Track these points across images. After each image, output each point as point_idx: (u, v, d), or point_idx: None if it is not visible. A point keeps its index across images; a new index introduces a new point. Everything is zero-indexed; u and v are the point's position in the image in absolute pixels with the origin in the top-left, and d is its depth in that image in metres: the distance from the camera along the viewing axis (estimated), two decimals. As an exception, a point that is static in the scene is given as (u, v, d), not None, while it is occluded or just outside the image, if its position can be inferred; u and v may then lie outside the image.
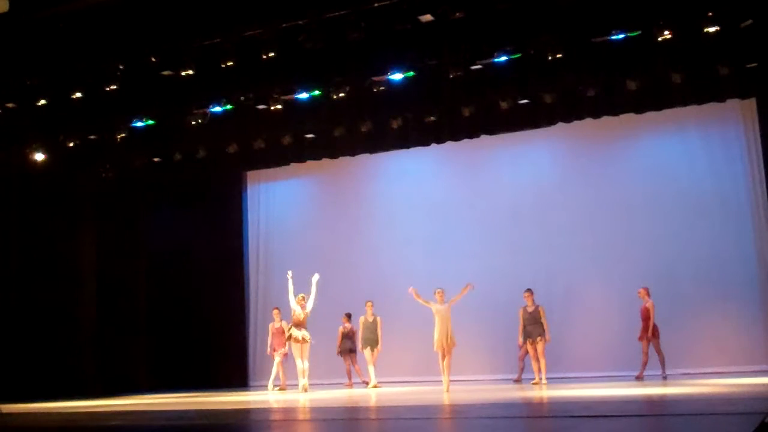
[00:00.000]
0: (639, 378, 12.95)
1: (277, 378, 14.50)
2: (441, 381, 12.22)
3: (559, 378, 13.38)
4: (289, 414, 9.60)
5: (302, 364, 13.24)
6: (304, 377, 13.25)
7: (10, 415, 10.89)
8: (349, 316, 14.88)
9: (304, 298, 13.23)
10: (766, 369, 13.01)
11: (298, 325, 13.21)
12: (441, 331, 12.00)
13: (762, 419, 5.82)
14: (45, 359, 15.22)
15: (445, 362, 12.08)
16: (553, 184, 15.21)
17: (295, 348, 13.31)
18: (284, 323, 14.21)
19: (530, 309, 12.99)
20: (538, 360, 12.90)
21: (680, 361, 13.44)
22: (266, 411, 10.44)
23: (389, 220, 16.37)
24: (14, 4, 9.76)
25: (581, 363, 14.11)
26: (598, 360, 14.25)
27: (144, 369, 17.06)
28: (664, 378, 12.85)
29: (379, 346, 14.28)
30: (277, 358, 14.36)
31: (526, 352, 13.29)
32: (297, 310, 13.21)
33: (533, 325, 12.87)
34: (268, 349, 14.56)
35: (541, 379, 12.82)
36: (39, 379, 14.90)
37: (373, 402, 10.87)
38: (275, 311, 14.65)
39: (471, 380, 14.46)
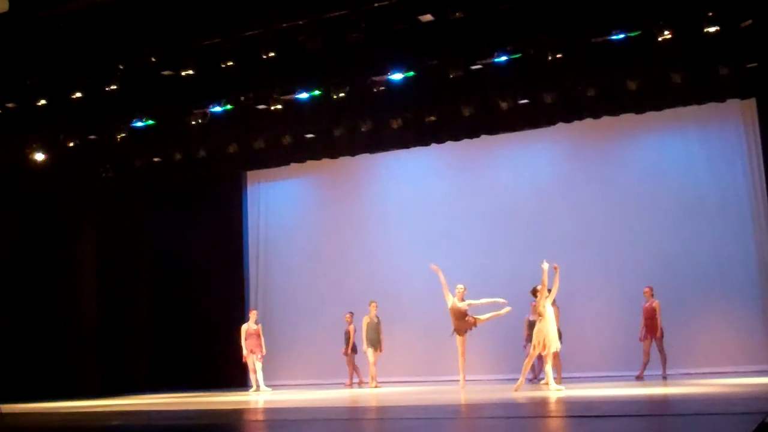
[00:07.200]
0: (639, 378, 12.96)
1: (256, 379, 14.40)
2: (441, 381, 12.14)
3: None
4: (288, 414, 9.59)
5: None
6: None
7: (10, 415, 10.88)
8: (352, 315, 14.84)
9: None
10: (766, 369, 13.01)
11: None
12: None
13: (762, 419, 5.83)
14: (45, 359, 15.23)
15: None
16: (553, 184, 15.20)
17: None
18: (260, 326, 14.30)
19: None
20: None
21: (680, 361, 13.45)
22: (265, 411, 10.43)
23: (389, 220, 16.36)
24: (14, 4, 9.74)
25: (581, 363, 14.09)
26: (598, 360, 14.24)
27: (144, 369, 17.07)
28: (665, 378, 12.85)
29: (381, 346, 14.28)
30: (252, 361, 14.28)
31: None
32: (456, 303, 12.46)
33: None
34: (245, 352, 14.26)
35: (542, 379, 12.77)
36: (39, 379, 14.91)
37: (373, 402, 10.87)
38: (253, 312, 14.63)
39: (471, 380, 14.44)
